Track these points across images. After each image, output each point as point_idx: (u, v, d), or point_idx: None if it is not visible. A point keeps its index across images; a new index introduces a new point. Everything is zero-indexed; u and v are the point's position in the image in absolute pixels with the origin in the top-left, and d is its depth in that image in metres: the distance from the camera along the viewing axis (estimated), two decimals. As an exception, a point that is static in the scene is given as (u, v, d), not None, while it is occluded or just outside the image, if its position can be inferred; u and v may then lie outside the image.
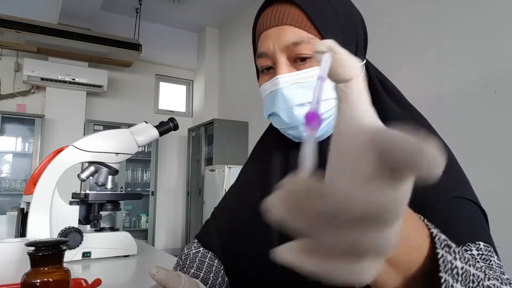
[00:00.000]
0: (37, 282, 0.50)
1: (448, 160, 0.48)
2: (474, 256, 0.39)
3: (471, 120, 2.01)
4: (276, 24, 0.52)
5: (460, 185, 0.47)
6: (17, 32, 3.52)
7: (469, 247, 0.40)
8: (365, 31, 0.58)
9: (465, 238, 0.41)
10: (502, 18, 1.92)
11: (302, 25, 0.51)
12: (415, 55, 2.35)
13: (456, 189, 0.46)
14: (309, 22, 0.51)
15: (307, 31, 0.51)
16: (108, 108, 4.63)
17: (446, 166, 0.42)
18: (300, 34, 0.51)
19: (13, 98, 4.09)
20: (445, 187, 0.45)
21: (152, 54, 4.72)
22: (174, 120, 1.25)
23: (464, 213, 0.44)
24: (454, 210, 0.44)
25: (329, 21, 0.52)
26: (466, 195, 0.45)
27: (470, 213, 0.45)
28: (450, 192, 0.45)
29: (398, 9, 2.51)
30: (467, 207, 0.45)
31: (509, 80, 1.87)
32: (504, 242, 0.47)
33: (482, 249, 0.40)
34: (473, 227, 0.43)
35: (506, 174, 1.83)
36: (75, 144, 1.09)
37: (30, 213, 0.98)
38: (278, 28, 0.52)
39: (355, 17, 0.56)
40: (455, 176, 0.48)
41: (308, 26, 0.51)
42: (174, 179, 5.07)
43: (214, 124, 4.10)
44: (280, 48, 0.51)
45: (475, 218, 0.44)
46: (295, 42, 0.50)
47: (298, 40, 0.50)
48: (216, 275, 0.63)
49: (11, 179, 3.90)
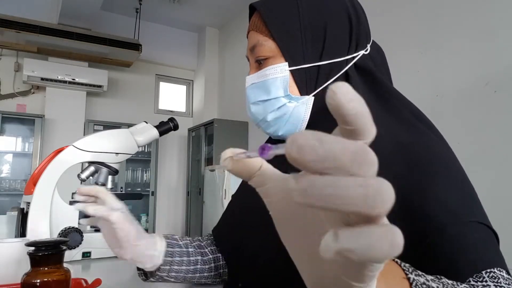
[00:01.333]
0: (37, 282, 0.50)
1: (461, 180, 0.47)
2: (490, 286, 0.38)
3: (471, 120, 2.01)
4: (248, 30, 0.60)
5: (472, 208, 0.44)
6: (17, 32, 3.52)
7: (481, 276, 0.38)
8: (353, 24, 0.56)
9: (480, 265, 0.39)
10: (502, 18, 1.92)
11: (259, 29, 0.57)
12: (415, 55, 2.35)
13: (469, 212, 0.43)
14: (264, 26, 0.56)
15: (263, 34, 0.56)
16: (108, 108, 4.63)
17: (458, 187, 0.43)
18: (257, 38, 0.57)
19: (13, 98, 4.09)
20: (457, 211, 0.43)
21: (152, 54, 4.72)
22: (174, 120, 1.25)
23: (478, 238, 0.42)
24: (468, 235, 0.41)
25: (286, 22, 0.55)
26: (479, 218, 0.43)
27: (483, 238, 0.42)
28: (463, 216, 0.43)
29: (398, 9, 2.51)
30: (480, 232, 0.43)
31: (509, 80, 1.87)
32: (504, 242, 0.47)
33: (498, 276, 0.39)
34: (487, 253, 0.41)
35: (506, 174, 1.82)
36: (75, 144, 1.08)
37: (30, 213, 0.98)
38: (250, 33, 0.59)
39: (329, 14, 0.55)
40: (467, 197, 0.45)
41: (263, 29, 0.56)
42: (174, 179, 5.07)
43: (214, 124, 4.10)
44: (249, 52, 0.59)
45: (488, 243, 0.42)
46: (253, 46, 0.57)
47: (255, 43, 0.57)
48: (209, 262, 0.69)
49: (11, 179, 3.89)
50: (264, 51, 0.56)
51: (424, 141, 0.49)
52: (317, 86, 0.55)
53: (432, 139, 0.50)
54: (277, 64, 0.55)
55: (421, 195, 0.43)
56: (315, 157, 0.17)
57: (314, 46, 0.54)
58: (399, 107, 0.53)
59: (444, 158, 0.47)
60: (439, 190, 0.43)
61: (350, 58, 0.56)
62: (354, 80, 0.54)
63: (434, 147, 0.48)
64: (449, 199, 0.43)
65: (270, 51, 0.55)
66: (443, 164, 0.47)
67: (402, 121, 0.51)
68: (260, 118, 0.57)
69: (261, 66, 0.57)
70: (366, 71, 0.56)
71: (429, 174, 0.45)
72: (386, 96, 0.54)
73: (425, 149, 0.47)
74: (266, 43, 0.55)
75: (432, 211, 0.42)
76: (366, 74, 0.56)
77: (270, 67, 0.55)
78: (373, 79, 0.55)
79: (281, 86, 0.54)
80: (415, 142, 0.48)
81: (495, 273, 0.39)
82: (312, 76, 0.55)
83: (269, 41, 0.55)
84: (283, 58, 0.55)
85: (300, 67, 0.54)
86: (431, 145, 0.48)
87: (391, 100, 0.53)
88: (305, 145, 0.17)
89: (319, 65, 0.54)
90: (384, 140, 0.46)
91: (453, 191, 0.44)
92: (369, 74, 0.56)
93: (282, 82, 0.54)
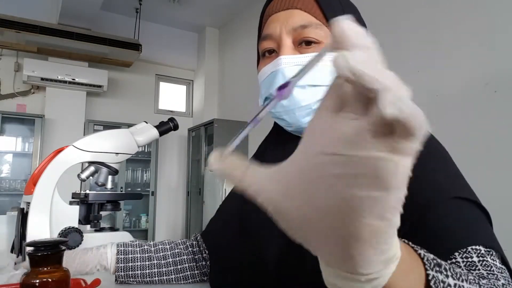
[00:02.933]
0: (37, 282, 0.50)
1: (445, 159, 0.48)
2: (475, 263, 0.38)
3: (471, 120, 2.01)
4: (286, 7, 0.53)
5: (459, 185, 0.45)
6: (17, 32, 3.52)
7: (469, 254, 0.39)
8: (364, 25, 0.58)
9: (466, 242, 0.39)
10: (502, 18, 1.92)
11: (312, 10, 0.52)
12: (415, 55, 2.35)
13: (455, 188, 0.44)
14: (319, 9, 0.52)
15: (316, 17, 0.52)
16: (108, 108, 4.63)
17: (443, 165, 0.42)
18: (309, 19, 0.52)
19: (13, 98, 4.09)
20: (443, 187, 0.43)
21: (152, 54, 4.72)
22: (174, 120, 1.25)
23: (464, 215, 0.42)
24: (454, 211, 0.42)
25: (337, 11, 0.52)
26: (466, 194, 0.44)
27: (470, 214, 0.43)
28: (449, 192, 0.43)
29: (398, 9, 2.51)
30: (467, 208, 0.43)
31: (509, 80, 1.87)
32: (505, 242, 0.47)
33: (484, 254, 0.39)
34: (473, 230, 0.41)
35: (506, 174, 1.82)
36: (75, 144, 1.08)
37: (30, 213, 0.98)
38: (287, 11, 0.53)
39: (357, 12, 0.57)
40: (452, 175, 0.46)
41: (317, 13, 0.52)
42: (174, 179, 5.07)
43: (214, 124, 4.10)
44: (287, 30, 0.52)
45: (475, 220, 0.43)
46: (303, 25, 0.51)
47: (306, 24, 0.51)
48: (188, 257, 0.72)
49: (11, 179, 3.89)
50: (317, 35, 0.51)
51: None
52: None
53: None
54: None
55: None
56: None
57: None
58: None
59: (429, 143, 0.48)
60: (426, 170, 0.43)
61: None
62: None
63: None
64: (436, 177, 0.44)
65: (323, 36, 0.51)
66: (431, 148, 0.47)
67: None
68: (303, 104, 0.51)
69: (308, 49, 0.52)
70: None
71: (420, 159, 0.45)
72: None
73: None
74: (320, 27, 0.52)
75: (418, 187, 0.41)
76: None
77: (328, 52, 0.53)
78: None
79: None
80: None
81: (480, 252, 0.39)
82: None
83: (323, 26, 0.52)
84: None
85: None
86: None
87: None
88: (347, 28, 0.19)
89: None
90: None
91: (440, 171, 0.45)
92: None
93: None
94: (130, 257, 0.71)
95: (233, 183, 0.24)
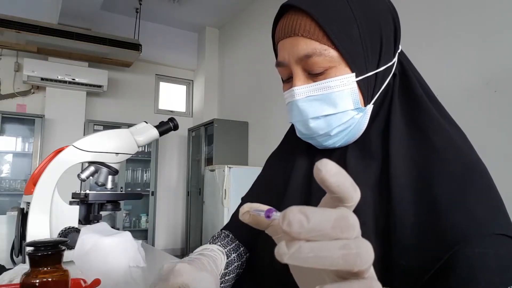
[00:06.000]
0: (36, 282, 0.50)
1: (487, 187, 0.45)
2: None
3: (471, 119, 2.01)
4: (289, 34, 0.50)
5: (500, 219, 0.42)
6: (17, 32, 3.52)
7: None
8: (396, 24, 0.55)
9: (504, 281, 0.37)
10: (503, 18, 1.92)
11: (314, 36, 0.48)
12: (415, 55, 2.34)
13: (496, 224, 0.41)
14: (322, 32, 0.48)
15: (320, 42, 0.48)
16: (108, 108, 4.63)
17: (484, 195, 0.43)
18: (312, 46, 0.48)
19: (13, 98, 4.09)
20: (482, 222, 0.40)
21: (152, 54, 4.72)
22: (174, 120, 1.25)
23: (504, 253, 0.40)
24: (492, 248, 0.39)
25: (345, 27, 0.48)
26: (506, 231, 0.41)
27: (507, 253, 0.40)
28: (488, 227, 0.40)
29: (398, 9, 2.50)
30: (505, 246, 0.40)
31: (509, 80, 1.87)
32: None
33: None
34: (509, 271, 0.39)
35: (506, 174, 1.82)
36: (75, 144, 1.08)
37: (30, 213, 0.98)
38: (291, 38, 0.50)
39: (380, 15, 0.52)
40: (495, 208, 0.43)
41: (320, 36, 0.48)
42: (174, 179, 5.07)
43: (214, 124, 4.10)
44: (294, 60, 0.51)
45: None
46: (307, 55, 0.49)
47: (310, 53, 0.49)
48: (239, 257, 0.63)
49: (11, 179, 3.90)
50: (324, 62, 0.49)
51: (456, 147, 0.49)
52: (374, 94, 0.52)
53: (466, 143, 0.51)
54: (344, 75, 0.49)
55: (451, 204, 0.42)
56: (302, 230, 0.22)
57: (373, 51, 0.51)
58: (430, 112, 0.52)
59: (477, 167, 0.47)
60: (469, 200, 0.42)
61: (395, 60, 0.54)
62: (412, 82, 0.54)
63: (467, 154, 0.48)
64: (478, 210, 0.41)
65: (330, 61, 0.49)
66: (477, 174, 0.46)
67: (432, 124, 0.50)
68: (322, 133, 0.52)
69: (319, 76, 0.50)
70: (405, 72, 0.55)
71: (461, 184, 0.44)
72: (418, 100, 0.53)
73: (458, 156, 0.47)
74: (326, 52, 0.48)
75: (456, 221, 0.41)
76: (404, 76, 0.55)
77: (335, 78, 0.49)
78: (409, 81, 0.55)
79: (349, 99, 0.50)
80: (448, 148, 0.48)
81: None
82: (371, 84, 0.51)
83: (329, 49, 0.49)
84: (348, 68, 0.49)
85: (365, 76, 0.50)
86: (464, 152, 0.48)
87: (423, 104, 0.53)
88: (293, 221, 0.22)
89: (377, 72, 0.51)
90: (417, 146, 0.47)
91: (482, 202, 0.42)
92: (406, 75, 0.56)
93: (351, 94, 0.50)
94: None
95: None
